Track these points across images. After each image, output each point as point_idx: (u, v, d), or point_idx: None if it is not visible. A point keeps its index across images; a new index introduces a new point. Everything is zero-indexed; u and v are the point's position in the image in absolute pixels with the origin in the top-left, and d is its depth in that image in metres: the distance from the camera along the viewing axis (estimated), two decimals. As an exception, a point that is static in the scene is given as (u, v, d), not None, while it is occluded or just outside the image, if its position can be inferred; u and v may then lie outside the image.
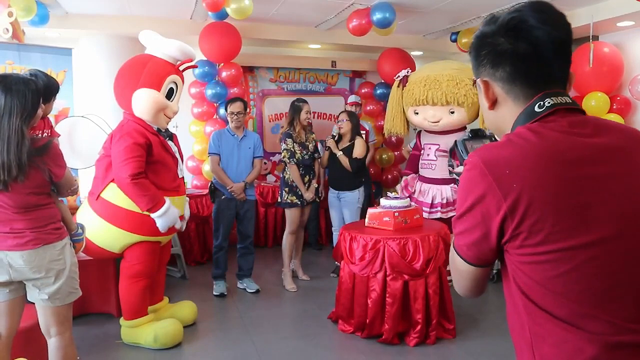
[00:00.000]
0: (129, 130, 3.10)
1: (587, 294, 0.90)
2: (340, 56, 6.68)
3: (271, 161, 6.52)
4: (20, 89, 2.09)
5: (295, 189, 4.39)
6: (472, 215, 0.96)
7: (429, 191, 4.43)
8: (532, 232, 0.90)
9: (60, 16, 4.87)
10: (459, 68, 4.37)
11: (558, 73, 1.01)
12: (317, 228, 5.91)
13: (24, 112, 2.09)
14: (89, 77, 5.18)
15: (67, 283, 2.26)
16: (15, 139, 2.04)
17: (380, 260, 3.25)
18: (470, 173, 0.96)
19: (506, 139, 0.97)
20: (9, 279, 2.17)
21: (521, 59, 0.98)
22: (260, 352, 3.24)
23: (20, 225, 2.15)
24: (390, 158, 6.27)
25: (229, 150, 4.24)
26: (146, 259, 3.22)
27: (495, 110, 1.06)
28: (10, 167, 2.03)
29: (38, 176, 2.15)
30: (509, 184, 0.91)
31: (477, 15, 5.17)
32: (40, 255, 2.18)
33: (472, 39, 1.07)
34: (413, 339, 3.25)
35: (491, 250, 0.98)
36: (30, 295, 2.25)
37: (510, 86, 1.01)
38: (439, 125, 4.37)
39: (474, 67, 1.08)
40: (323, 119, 6.72)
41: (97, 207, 3.15)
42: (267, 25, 5.62)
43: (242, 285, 4.44)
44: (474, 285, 1.08)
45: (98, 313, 3.76)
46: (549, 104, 0.98)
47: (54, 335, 2.30)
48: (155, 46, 3.30)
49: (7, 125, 2.04)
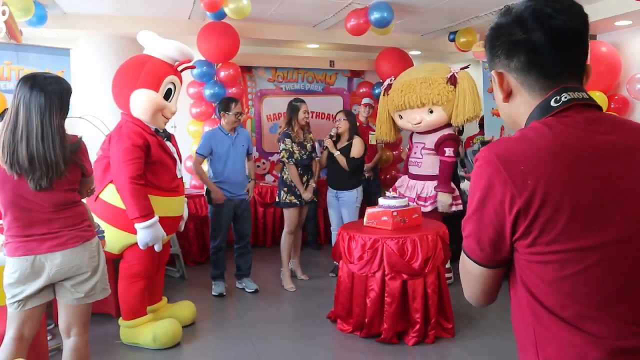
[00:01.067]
0: (127, 132, 3.10)
1: (594, 296, 0.89)
2: (338, 56, 6.68)
3: (269, 161, 6.52)
4: (56, 88, 2.13)
5: (294, 188, 4.39)
6: (485, 212, 0.94)
7: (415, 186, 4.54)
8: (545, 230, 0.89)
9: (58, 16, 4.87)
10: (432, 69, 4.53)
11: (573, 65, 0.98)
12: (315, 227, 5.91)
13: (62, 110, 2.15)
14: (88, 77, 5.18)
15: (102, 280, 2.29)
16: (58, 137, 2.10)
17: (378, 259, 3.26)
18: (484, 168, 0.93)
19: (520, 134, 0.95)
20: (46, 282, 2.16)
21: (536, 49, 0.96)
22: (259, 352, 3.24)
23: (56, 225, 2.16)
24: (389, 158, 6.27)
25: (224, 150, 4.22)
26: (145, 259, 3.22)
27: (510, 103, 1.04)
28: (58, 163, 2.08)
29: (76, 172, 2.21)
30: (524, 180, 0.88)
31: (475, 14, 5.18)
32: (81, 253, 2.20)
33: (488, 31, 1.05)
34: (412, 338, 3.25)
35: (504, 248, 0.95)
36: (62, 296, 2.24)
37: (525, 77, 0.99)
38: (421, 126, 4.50)
39: (489, 60, 1.06)
40: (321, 119, 6.72)
41: (96, 208, 3.13)
42: (265, 25, 5.62)
43: (240, 285, 4.44)
44: (486, 290, 1.04)
45: (97, 313, 3.74)
46: (566, 99, 0.95)
47: (74, 336, 2.28)
48: (153, 46, 3.30)
49: (49, 124, 2.09)
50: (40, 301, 2.21)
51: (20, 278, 2.13)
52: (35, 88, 2.08)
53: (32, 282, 2.14)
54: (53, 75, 2.23)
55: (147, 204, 3.06)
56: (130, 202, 3.02)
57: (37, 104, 2.07)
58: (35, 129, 2.06)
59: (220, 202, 4.17)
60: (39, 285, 2.15)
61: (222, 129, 4.27)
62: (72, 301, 2.24)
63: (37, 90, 2.08)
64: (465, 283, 1.07)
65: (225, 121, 4.24)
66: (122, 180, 3.02)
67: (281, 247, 4.55)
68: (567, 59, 0.97)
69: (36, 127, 2.06)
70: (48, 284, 2.18)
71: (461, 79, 4.30)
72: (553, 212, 0.87)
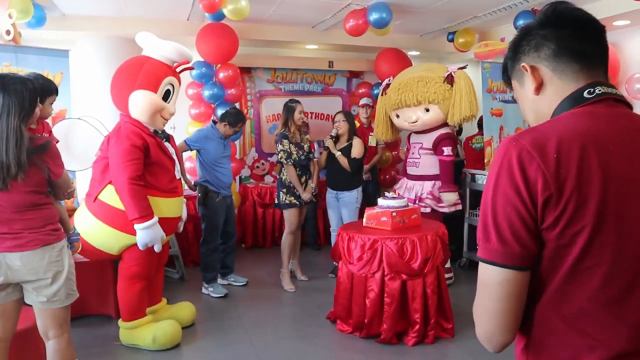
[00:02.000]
0: (126, 133, 3.10)
1: (600, 295, 0.88)
2: (337, 56, 6.68)
3: (269, 162, 6.52)
4: (18, 88, 2.09)
5: (293, 189, 4.39)
6: (515, 198, 0.88)
7: (414, 187, 4.54)
8: (572, 222, 0.87)
9: (57, 18, 4.87)
10: (429, 69, 4.57)
11: (600, 55, 1.00)
12: (315, 228, 5.91)
13: (22, 111, 2.09)
14: (87, 78, 5.17)
15: (66, 285, 2.25)
16: (14, 138, 2.05)
17: (378, 260, 3.26)
18: (513, 155, 0.89)
19: (551, 122, 0.95)
20: (5, 280, 2.16)
21: (565, 36, 0.98)
22: (259, 353, 3.24)
23: (18, 225, 2.14)
24: (388, 158, 6.27)
25: (218, 153, 4.30)
26: (144, 260, 3.22)
27: (540, 95, 1.02)
28: (10, 166, 2.03)
29: (37, 175, 2.15)
30: (557, 170, 0.86)
31: (473, 15, 5.18)
32: (39, 256, 2.17)
33: (517, 33, 1.06)
34: (411, 338, 3.25)
35: (530, 238, 0.89)
36: (27, 297, 2.24)
37: (557, 63, 0.98)
38: (417, 125, 4.52)
39: (510, 59, 1.07)
40: (320, 120, 6.72)
41: (95, 209, 3.14)
42: (264, 26, 5.62)
43: (226, 282, 4.53)
44: (506, 311, 0.91)
45: (97, 315, 3.76)
46: (600, 92, 0.95)
47: (52, 338, 2.29)
48: (152, 48, 3.30)
49: (6, 125, 2.05)
50: (5, 299, 2.21)
51: None
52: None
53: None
54: (19, 75, 2.19)
55: (146, 205, 3.06)
56: (130, 202, 3.01)
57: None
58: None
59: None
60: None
61: (217, 131, 4.32)
62: (37, 304, 2.23)
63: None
64: (481, 310, 0.95)
65: (224, 131, 4.32)
66: (122, 181, 3.02)
67: (282, 248, 4.55)
68: (594, 47, 0.99)
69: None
70: (7, 283, 2.17)
71: (458, 78, 4.31)
72: (582, 204, 0.86)
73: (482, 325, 0.95)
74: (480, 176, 4.88)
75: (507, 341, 0.94)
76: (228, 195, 4.41)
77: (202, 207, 4.31)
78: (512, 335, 0.94)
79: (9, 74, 2.17)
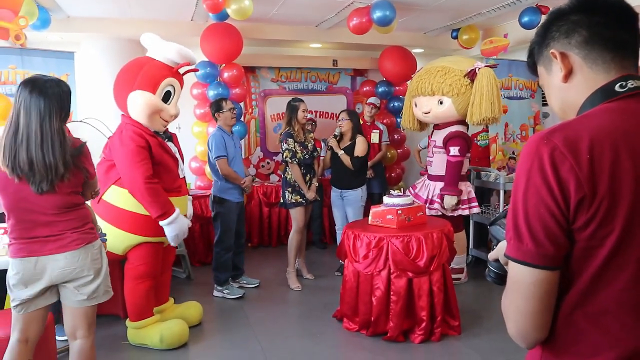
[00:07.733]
0: (129, 135, 3.10)
1: (625, 295, 0.88)
2: (341, 55, 6.68)
3: (274, 161, 6.54)
4: (56, 91, 2.13)
5: (299, 188, 4.40)
6: (548, 198, 0.86)
7: (428, 187, 4.45)
8: (604, 222, 0.85)
9: (62, 20, 4.90)
10: (456, 61, 4.39)
11: (632, 45, 0.96)
12: (321, 227, 5.92)
13: (62, 112, 2.15)
14: (92, 80, 5.19)
15: (104, 282, 2.31)
16: (58, 139, 2.11)
17: (384, 258, 3.26)
18: (545, 154, 0.87)
19: (584, 117, 0.92)
20: (49, 283, 2.18)
21: (598, 23, 0.94)
22: (266, 351, 3.25)
23: (59, 227, 2.18)
24: (394, 156, 6.26)
25: (232, 151, 4.28)
26: (150, 259, 3.24)
27: (569, 83, 0.99)
28: (57, 166, 2.09)
29: (79, 175, 2.21)
30: (590, 172, 0.84)
31: (477, 11, 5.16)
32: (83, 255, 2.21)
33: (547, 16, 1.03)
34: (418, 336, 3.25)
35: (566, 239, 0.88)
36: (65, 297, 2.25)
37: (588, 50, 0.95)
38: (429, 117, 4.41)
39: (538, 44, 1.04)
40: (325, 118, 6.73)
41: (99, 210, 3.15)
42: (268, 26, 5.63)
43: (237, 285, 4.48)
44: (539, 311, 0.91)
45: (105, 314, 3.77)
46: (632, 86, 0.92)
47: (80, 338, 2.30)
48: (154, 49, 3.31)
49: (49, 127, 2.09)
50: (44, 303, 2.23)
51: (23, 279, 2.15)
52: (34, 92, 2.09)
53: (35, 284, 2.16)
54: (53, 78, 2.23)
55: (165, 200, 3.10)
56: (150, 202, 3.04)
57: (37, 108, 2.08)
58: (34, 132, 2.07)
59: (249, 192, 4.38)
60: (41, 286, 2.17)
61: (223, 130, 4.29)
62: (75, 303, 2.25)
63: (36, 94, 2.08)
64: (513, 309, 0.94)
65: (222, 121, 4.26)
66: (138, 183, 3.02)
67: (289, 247, 4.55)
68: (628, 36, 0.96)
69: (35, 131, 2.07)
70: (50, 285, 2.20)
71: (481, 75, 4.06)
72: (613, 206, 0.85)
73: (516, 324, 0.94)
74: (486, 173, 4.86)
75: (541, 338, 0.93)
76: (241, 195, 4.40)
77: (218, 205, 4.28)
78: (546, 331, 0.93)
79: (41, 76, 2.19)
